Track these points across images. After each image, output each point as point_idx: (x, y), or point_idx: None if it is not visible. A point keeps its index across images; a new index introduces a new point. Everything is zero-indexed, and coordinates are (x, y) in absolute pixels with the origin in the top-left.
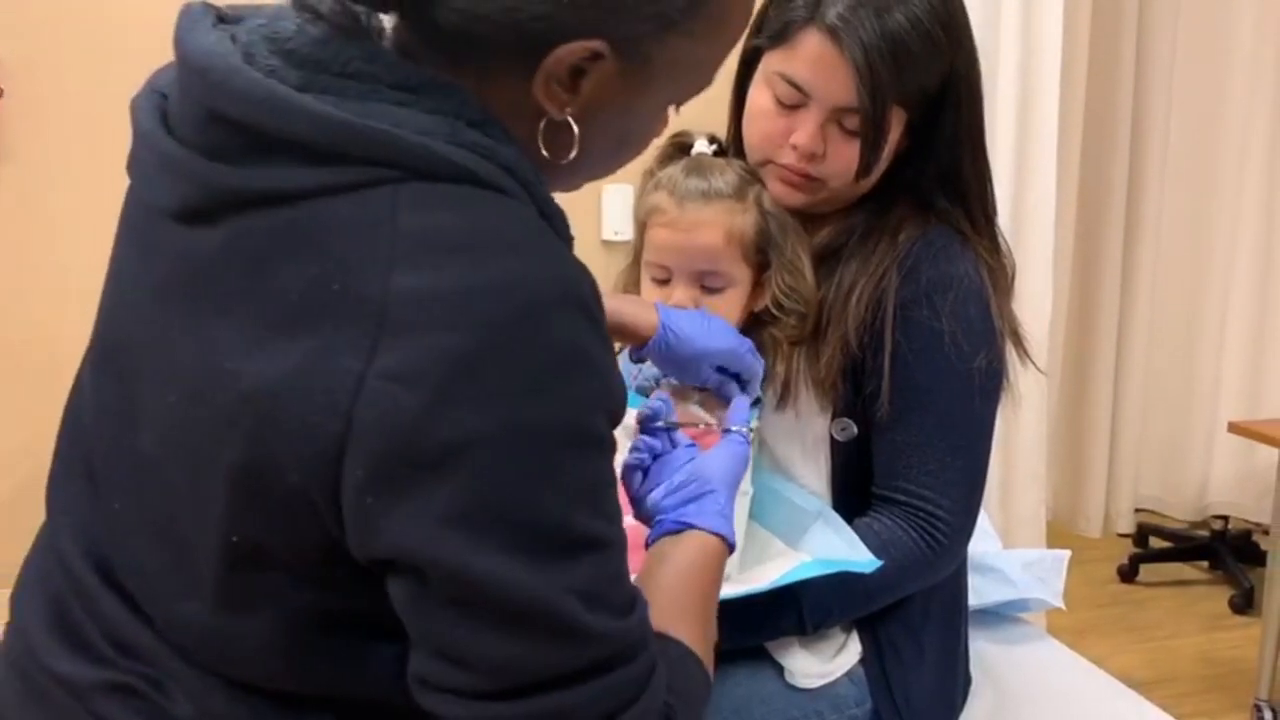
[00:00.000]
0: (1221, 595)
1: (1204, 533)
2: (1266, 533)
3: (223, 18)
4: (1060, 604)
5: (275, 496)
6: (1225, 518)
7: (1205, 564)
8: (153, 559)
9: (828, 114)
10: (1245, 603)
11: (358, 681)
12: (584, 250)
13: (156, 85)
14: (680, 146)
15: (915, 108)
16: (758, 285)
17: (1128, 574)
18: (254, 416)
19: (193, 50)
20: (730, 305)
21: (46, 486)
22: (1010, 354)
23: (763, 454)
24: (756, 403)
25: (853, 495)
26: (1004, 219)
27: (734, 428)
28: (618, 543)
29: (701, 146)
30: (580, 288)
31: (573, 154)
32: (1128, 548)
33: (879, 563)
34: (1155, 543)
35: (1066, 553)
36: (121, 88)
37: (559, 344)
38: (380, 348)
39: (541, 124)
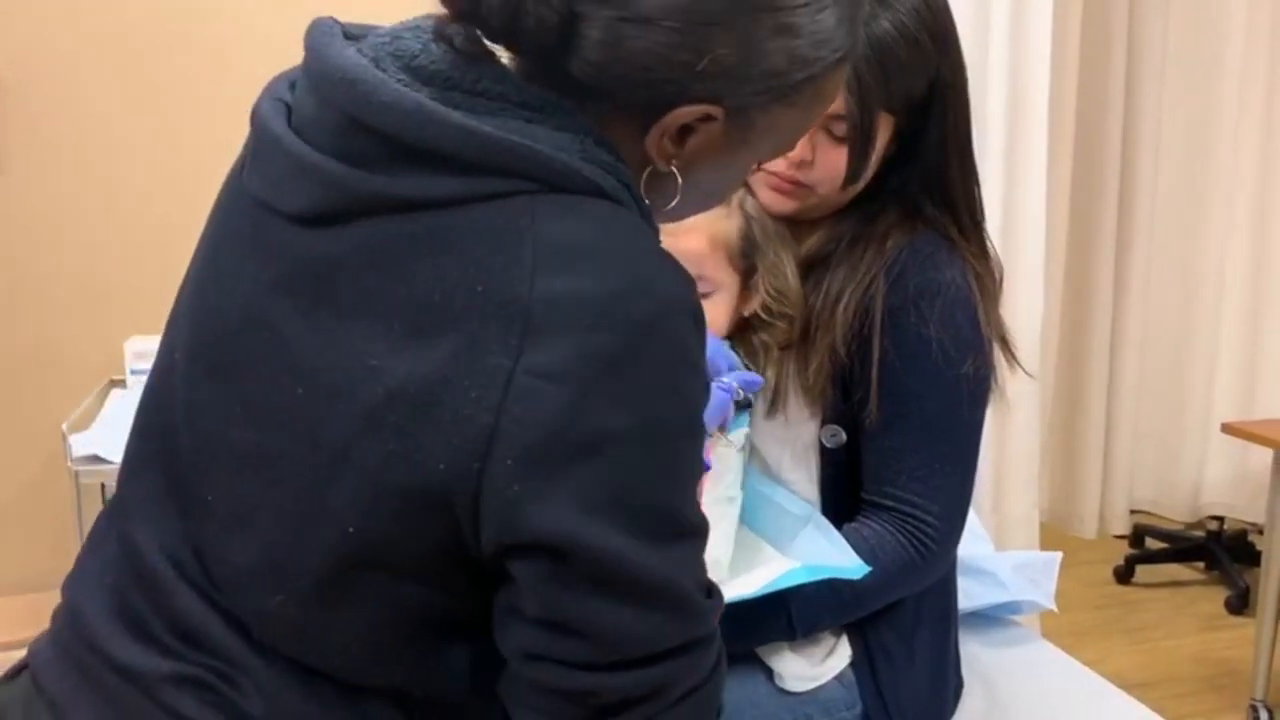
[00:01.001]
0: (1218, 596)
1: (1200, 533)
2: (1262, 533)
3: (347, 33)
4: (1052, 606)
5: (409, 490)
6: (1221, 518)
7: (1201, 565)
8: (243, 550)
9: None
10: (1241, 603)
11: (435, 678)
12: None
13: (276, 93)
14: None
15: (902, 114)
16: (745, 290)
17: (1124, 575)
18: (401, 412)
19: (334, 62)
20: (718, 310)
21: (118, 479)
22: (999, 359)
23: (753, 459)
24: (748, 406)
25: (842, 501)
26: (994, 224)
27: (725, 378)
28: (706, 528)
29: None
30: (694, 298)
31: (674, 202)
32: (1123, 549)
33: (868, 569)
34: (1151, 544)
35: (1058, 555)
36: (117, 94)
37: (681, 344)
38: (527, 346)
39: (645, 173)
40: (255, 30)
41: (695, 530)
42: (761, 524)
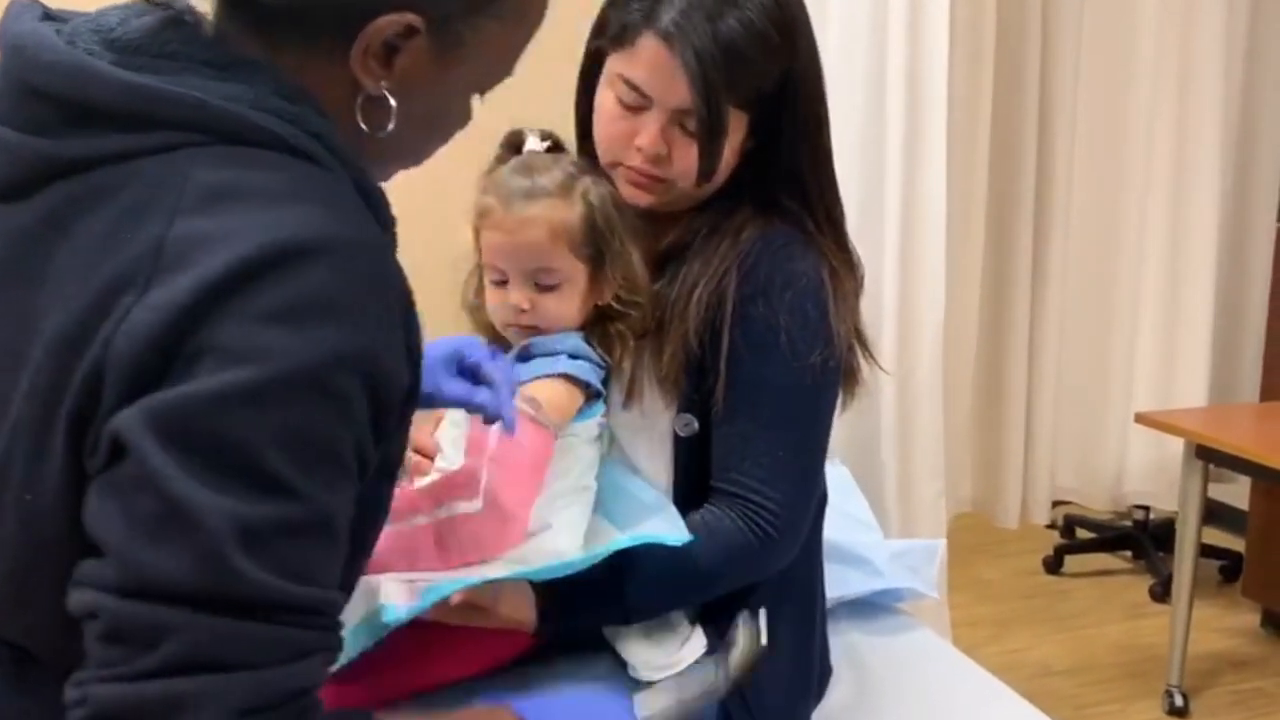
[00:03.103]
0: (1143, 585)
1: (1128, 523)
2: None
3: (49, 14)
4: (934, 594)
5: (58, 438)
6: (1147, 508)
7: (1129, 554)
8: None
9: (669, 116)
10: (1165, 591)
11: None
12: None
13: None
14: (513, 146)
15: (754, 109)
16: (596, 280)
17: (1053, 565)
18: (52, 363)
19: (11, 31)
20: (568, 301)
21: None
22: (922, 352)
23: (612, 449)
24: (599, 397)
25: (696, 489)
26: (895, 218)
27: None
28: (314, 505)
29: (533, 144)
30: (366, 250)
31: (391, 125)
32: (1052, 539)
33: (689, 537)
34: (1081, 534)
35: (940, 542)
36: None
37: (313, 290)
38: (153, 283)
39: (360, 98)
40: None
41: (279, 490)
42: (614, 513)
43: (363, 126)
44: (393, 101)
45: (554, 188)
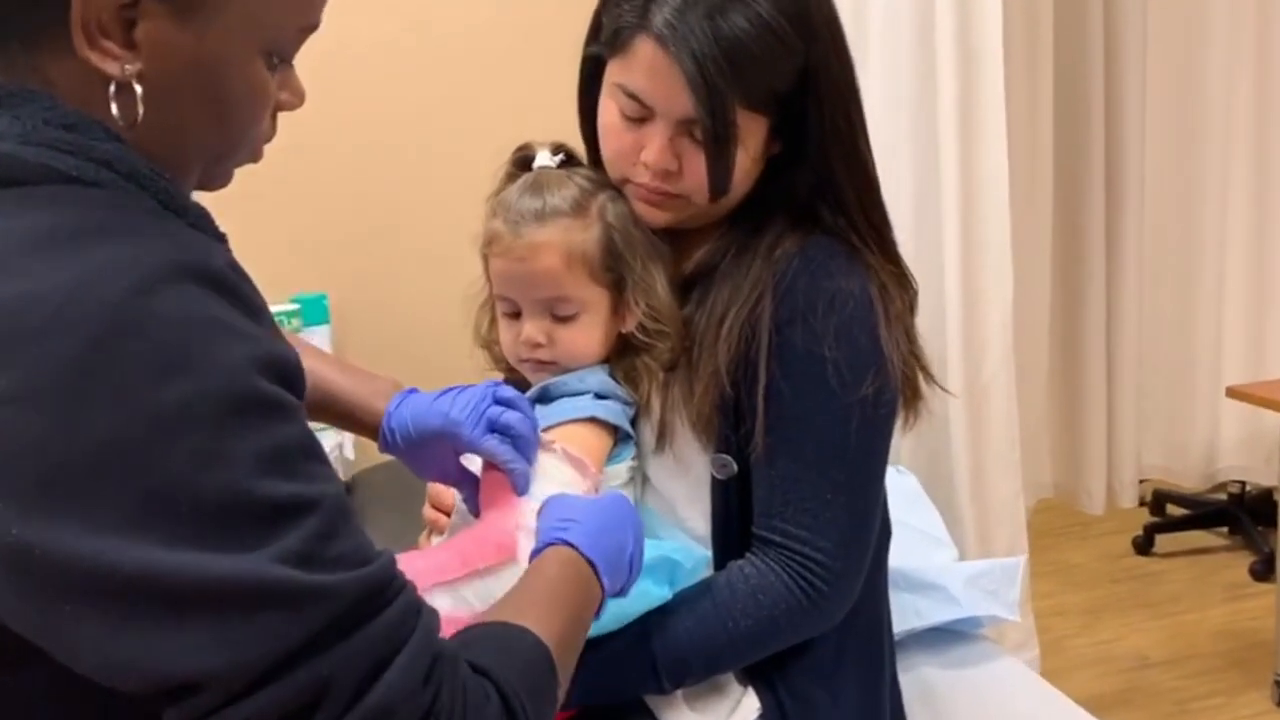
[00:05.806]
0: (1242, 563)
1: (1222, 496)
2: None
3: None
4: (1015, 617)
5: None
6: (1243, 482)
7: (1225, 530)
8: None
9: (674, 126)
10: (1266, 569)
11: None
12: None
13: None
14: (522, 162)
15: (772, 111)
16: (619, 307)
17: (1143, 546)
18: None
19: None
20: (588, 333)
21: None
22: (973, 369)
23: (647, 496)
24: (628, 439)
25: (737, 536)
26: (953, 207)
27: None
28: (328, 499)
29: (544, 159)
30: (197, 261)
31: (140, 112)
32: (1141, 518)
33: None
34: (1172, 511)
35: (1020, 560)
36: None
37: (178, 319)
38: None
39: (111, 88)
40: None
41: (293, 508)
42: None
43: (116, 116)
44: (138, 87)
45: (567, 207)
